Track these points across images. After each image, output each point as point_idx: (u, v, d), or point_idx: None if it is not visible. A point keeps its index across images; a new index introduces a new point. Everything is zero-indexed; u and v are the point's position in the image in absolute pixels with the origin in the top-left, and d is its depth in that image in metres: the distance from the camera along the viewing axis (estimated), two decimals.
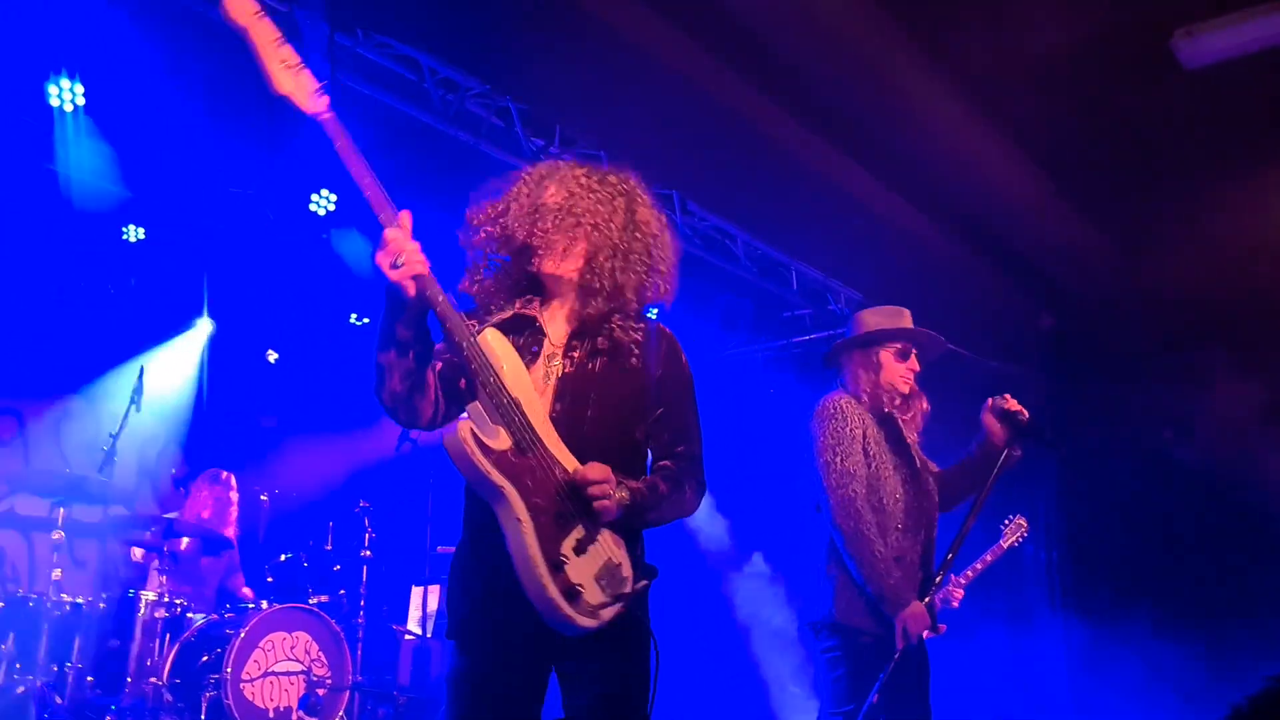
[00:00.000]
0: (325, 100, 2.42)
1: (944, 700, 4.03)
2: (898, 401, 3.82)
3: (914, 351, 3.86)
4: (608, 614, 2.41)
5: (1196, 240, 6.27)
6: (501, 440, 2.41)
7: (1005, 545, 5.11)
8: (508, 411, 2.42)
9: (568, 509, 2.42)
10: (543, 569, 2.33)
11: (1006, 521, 5.18)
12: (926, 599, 3.53)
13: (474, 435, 2.38)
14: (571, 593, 2.34)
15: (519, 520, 2.36)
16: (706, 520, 8.85)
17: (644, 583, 2.52)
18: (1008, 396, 3.69)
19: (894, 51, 5.29)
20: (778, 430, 8.24)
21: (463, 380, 2.55)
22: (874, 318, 3.91)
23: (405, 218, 2.41)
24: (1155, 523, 6.93)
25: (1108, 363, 7.22)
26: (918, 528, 3.71)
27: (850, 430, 3.71)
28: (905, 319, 3.90)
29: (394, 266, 2.35)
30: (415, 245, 2.38)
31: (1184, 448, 6.98)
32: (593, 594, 2.40)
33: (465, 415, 2.46)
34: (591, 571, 2.42)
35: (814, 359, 8.62)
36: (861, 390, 3.81)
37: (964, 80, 5.62)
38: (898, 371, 3.80)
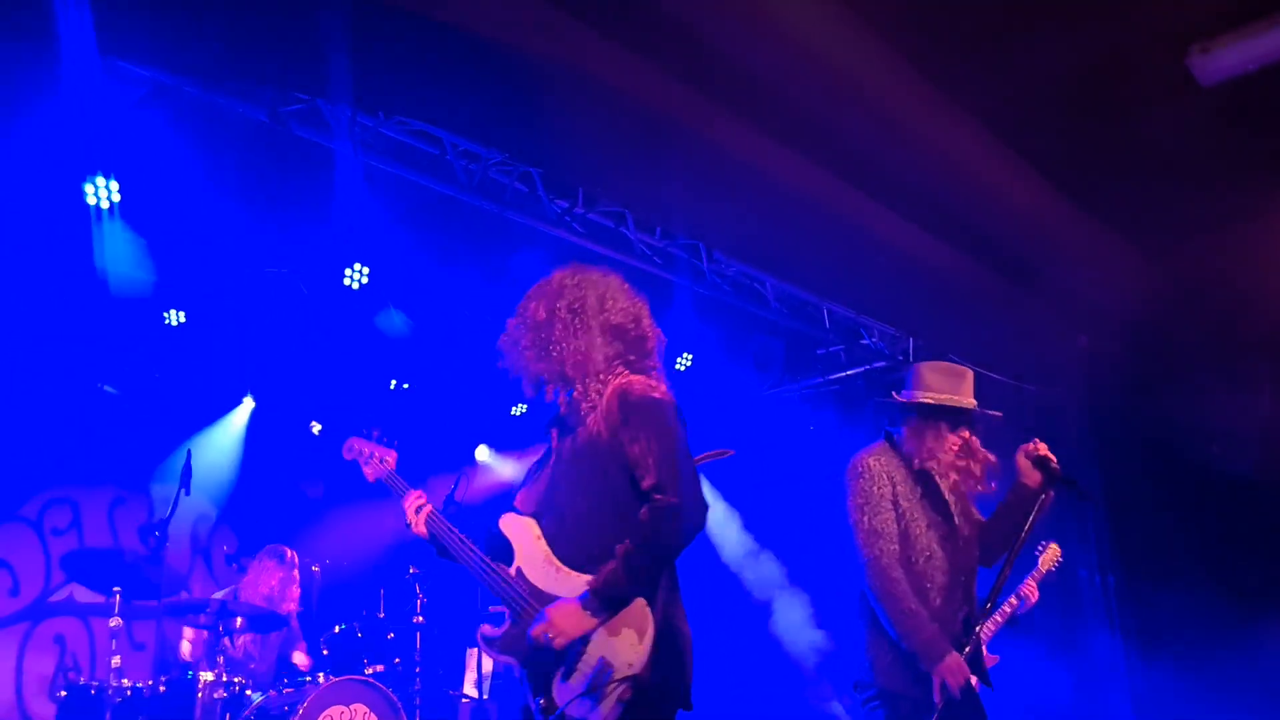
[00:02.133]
0: None
1: None
2: (936, 468, 3.79)
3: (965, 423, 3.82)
4: (606, 708, 2.71)
5: (1228, 251, 6.21)
6: (506, 622, 2.96)
7: (1043, 571, 5.09)
8: (507, 592, 2.95)
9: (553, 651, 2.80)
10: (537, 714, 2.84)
11: (1040, 548, 5.16)
12: (966, 649, 3.49)
13: (482, 637, 3.01)
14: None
15: (518, 679, 2.91)
16: (751, 559, 8.84)
17: (614, 683, 2.73)
18: (1040, 442, 3.68)
19: (908, 89, 5.31)
20: (820, 468, 8.22)
21: None
22: (935, 379, 3.82)
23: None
24: (1211, 539, 6.79)
25: (1148, 380, 7.12)
26: (953, 585, 3.67)
27: (878, 489, 3.70)
28: (967, 384, 3.82)
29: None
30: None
31: (1235, 461, 6.85)
32: (574, 709, 2.76)
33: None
34: (580, 686, 2.77)
35: (852, 395, 8.61)
36: (909, 449, 3.79)
37: (981, 110, 5.62)
38: (949, 441, 3.77)
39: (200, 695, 5.76)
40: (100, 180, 5.22)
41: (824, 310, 7.67)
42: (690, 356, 7.83)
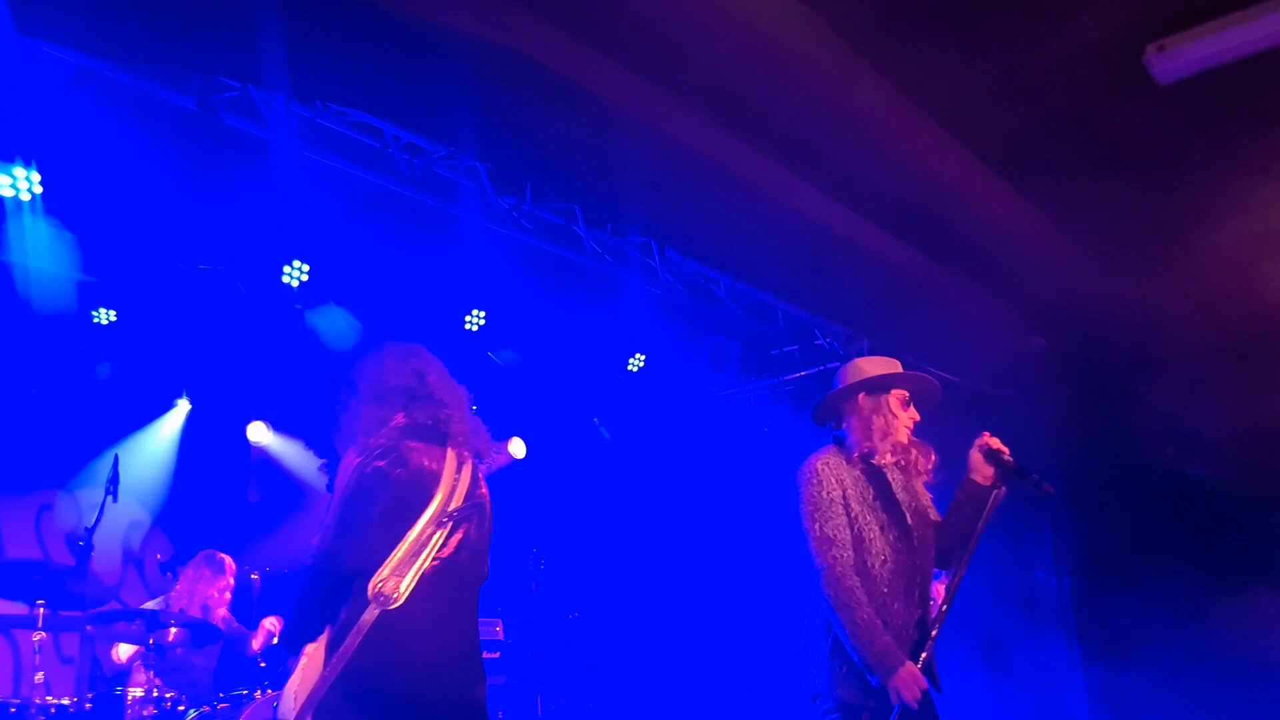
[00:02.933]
0: None
1: None
2: (891, 457, 3.70)
3: (913, 403, 3.74)
4: None
5: (1186, 251, 6.18)
6: None
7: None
8: None
9: None
10: None
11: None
12: (923, 655, 3.38)
13: None
14: None
15: None
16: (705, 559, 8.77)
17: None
18: (991, 436, 3.64)
19: (865, 85, 5.20)
20: (775, 468, 8.14)
21: None
22: (874, 366, 3.79)
23: None
24: (1169, 541, 6.77)
25: (1105, 381, 7.10)
26: (910, 589, 3.56)
27: (828, 494, 3.59)
28: (897, 365, 3.79)
29: None
30: None
31: (1192, 463, 6.84)
32: None
33: None
34: None
35: (807, 395, 8.54)
36: (861, 440, 3.68)
37: (938, 108, 5.53)
38: (901, 420, 3.68)
39: (129, 712, 5.52)
40: (20, 170, 4.93)
41: (779, 310, 7.56)
42: (643, 357, 7.69)
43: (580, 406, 9.26)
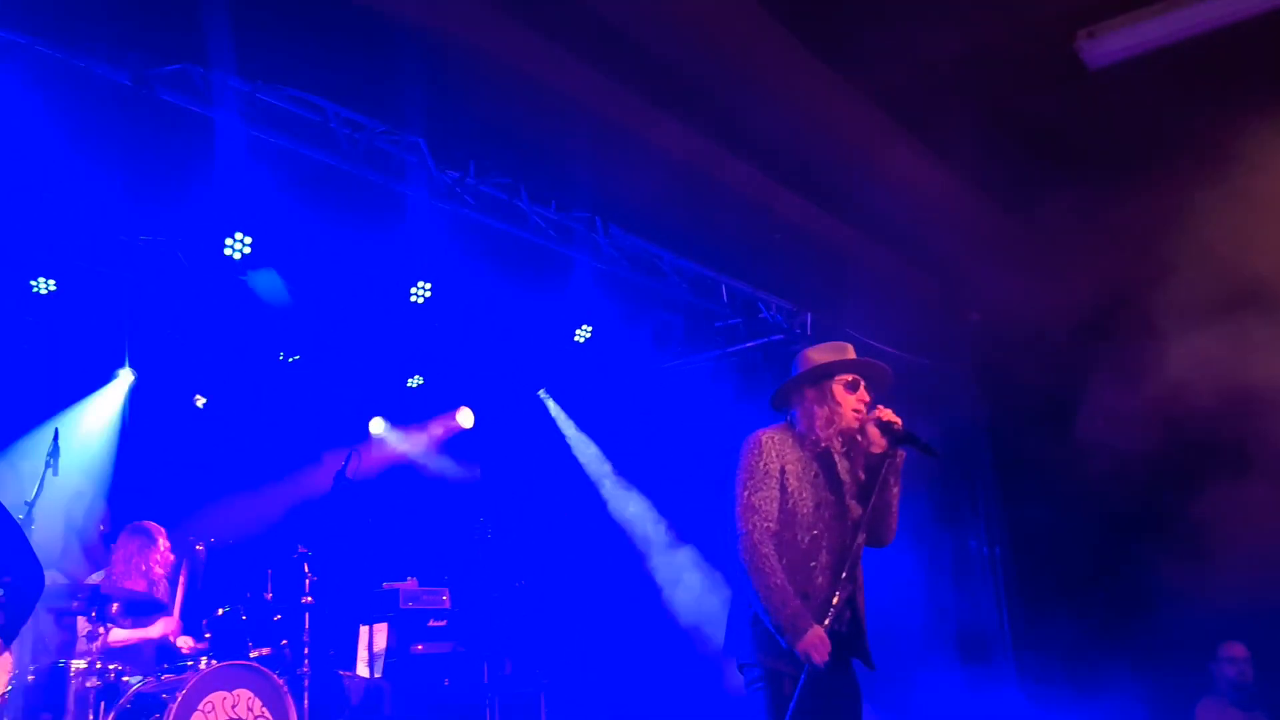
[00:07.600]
0: None
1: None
2: (837, 443, 3.80)
3: (863, 384, 3.84)
4: None
5: (1113, 232, 6.34)
6: None
7: None
8: None
9: None
10: None
11: None
12: (826, 620, 3.50)
13: None
14: None
15: None
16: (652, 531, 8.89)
17: None
18: (883, 409, 3.75)
19: (802, 67, 5.28)
20: (718, 440, 8.26)
21: None
22: (820, 354, 3.88)
23: None
24: (1094, 512, 7.00)
25: (1036, 356, 7.28)
26: (838, 565, 3.66)
27: (764, 465, 3.69)
28: (850, 353, 3.88)
29: None
30: None
31: (1114, 438, 7.05)
32: None
33: None
34: None
35: (750, 366, 8.66)
36: (806, 429, 3.79)
37: (873, 88, 5.63)
38: (849, 404, 3.79)
39: (73, 684, 5.55)
40: None
41: (722, 284, 7.66)
42: (589, 328, 7.77)
43: (528, 377, 9.33)
